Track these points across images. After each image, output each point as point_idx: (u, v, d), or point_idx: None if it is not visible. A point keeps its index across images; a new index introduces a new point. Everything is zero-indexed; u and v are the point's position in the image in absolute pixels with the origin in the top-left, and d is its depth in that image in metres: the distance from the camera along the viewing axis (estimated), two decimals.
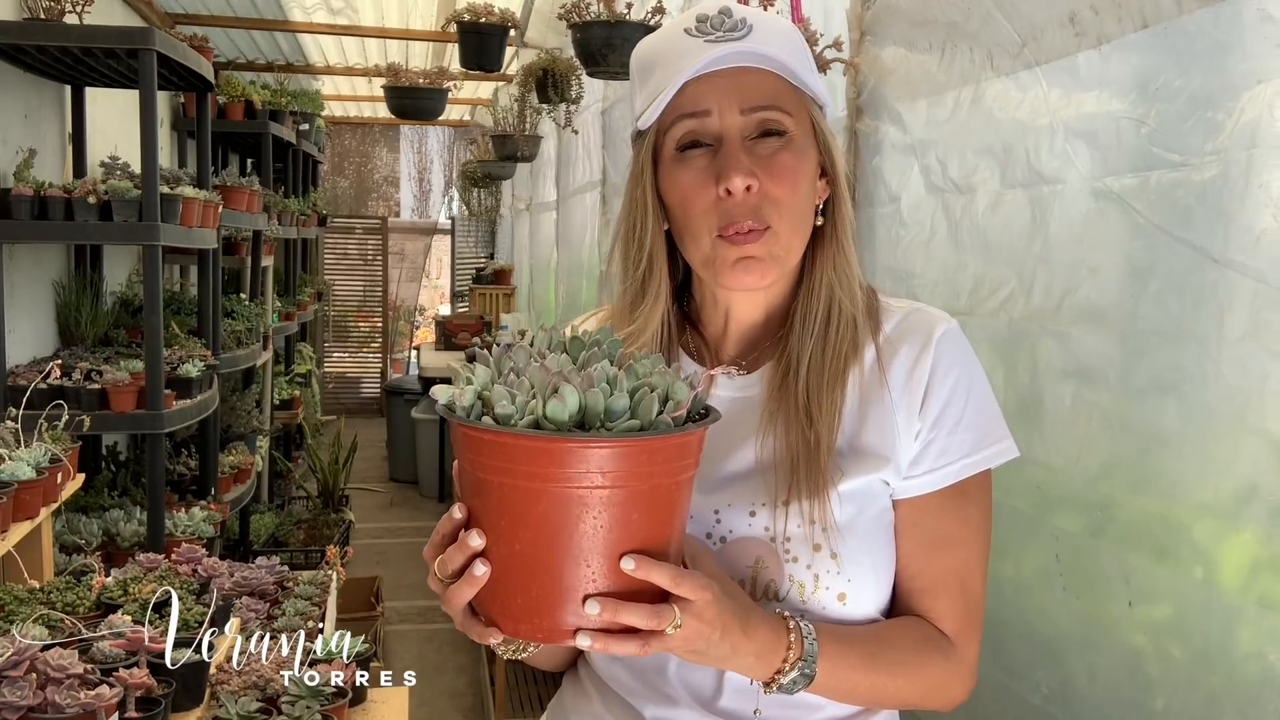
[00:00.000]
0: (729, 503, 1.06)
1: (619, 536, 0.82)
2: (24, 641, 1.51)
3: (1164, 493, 1.54)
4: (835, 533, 1.03)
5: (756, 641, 0.93)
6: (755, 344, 1.14)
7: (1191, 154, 1.42)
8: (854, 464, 1.05)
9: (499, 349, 0.91)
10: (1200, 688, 1.46)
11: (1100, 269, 1.61)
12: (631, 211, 1.12)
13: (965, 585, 1.08)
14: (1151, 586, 1.57)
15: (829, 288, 1.09)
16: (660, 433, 0.81)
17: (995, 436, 1.08)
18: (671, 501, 0.85)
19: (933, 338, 1.07)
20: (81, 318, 3.66)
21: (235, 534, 4.89)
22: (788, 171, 1.04)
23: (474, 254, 11.06)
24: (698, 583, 0.86)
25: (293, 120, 6.17)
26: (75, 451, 2.49)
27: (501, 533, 0.84)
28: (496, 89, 7.61)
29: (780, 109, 1.05)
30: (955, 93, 2.05)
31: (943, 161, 2.09)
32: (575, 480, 0.80)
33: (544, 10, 5.32)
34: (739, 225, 1.03)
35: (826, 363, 1.07)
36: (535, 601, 0.84)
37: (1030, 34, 1.79)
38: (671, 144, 1.06)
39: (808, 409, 1.05)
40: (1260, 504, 1.36)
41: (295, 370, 6.75)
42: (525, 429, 0.80)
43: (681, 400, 0.84)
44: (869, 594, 1.05)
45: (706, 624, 0.87)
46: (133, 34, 3.13)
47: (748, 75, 1.04)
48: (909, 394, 1.06)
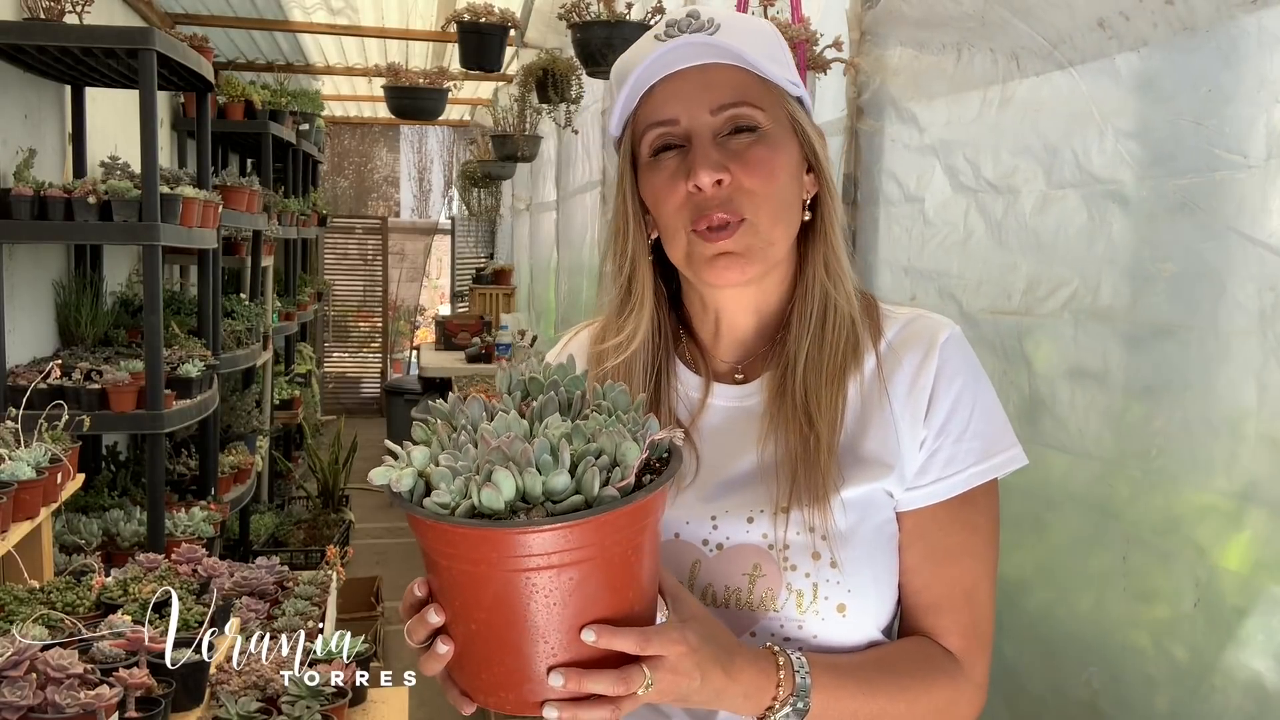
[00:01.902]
0: (726, 509, 1.04)
1: (577, 609, 0.80)
2: (24, 641, 1.51)
3: (1167, 491, 1.53)
4: (836, 540, 1.01)
5: (742, 683, 0.91)
6: (750, 349, 1.12)
7: (1253, 154, 1.41)
8: (856, 471, 1.03)
9: (451, 401, 0.89)
10: (1201, 687, 1.46)
11: (1169, 270, 1.59)
12: (615, 218, 1.11)
13: (973, 599, 1.04)
14: (1153, 586, 1.57)
15: (822, 285, 1.07)
16: (604, 509, 0.77)
17: (1003, 444, 1.05)
18: (631, 564, 0.83)
19: (936, 344, 1.05)
20: (81, 318, 3.66)
21: (235, 534, 4.89)
22: (761, 163, 1.02)
23: (474, 254, 11.06)
24: (668, 638, 0.84)
25: (293, 120, 6.17)
26: (75, 451, 2.49)
27: (457, 611, 0.83)
28: (496, 89, 7.61)
29: (749, 104, 1.03)
30: (980, 93, 2.04)
31: (972, 161, 2.09)
32: (520, 564, 0.78)
33: (544, 10, 5.32)
34: (710, 218, 1.02)
35: (824, 360, 1.05)
36: (500, 677, 0.83)
37: (1058, 38, 1.78)
38: (646, 149, 1.06)
39: (806, 408, 1.04)
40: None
41: (295, 370, 6.75)
42: (461, 519, 0.77)
43: (630, 464, 0.80)
44: (870, 606, 1.03)
45: (683, 675, 0.85)
46: (133, 34, 3.13)
47: (713, 73, 1.03)
48: (912, 402, 1.04)
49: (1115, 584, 1.64)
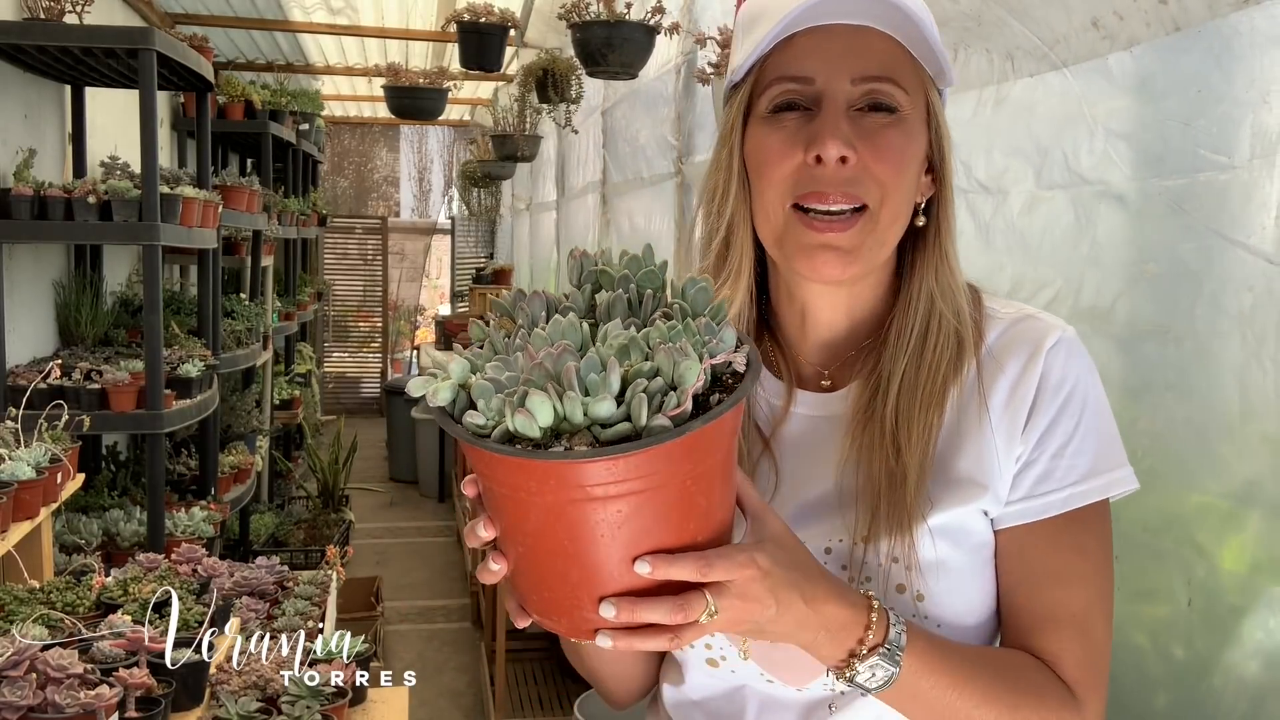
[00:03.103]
0: (805, 538, 0.92)
1: (628, 540, 0.72)
2: (24, 641, 1.51)
3: (1168, 491, 1.54)
4: (922, 572, 0.91)
5: (825, 614, 0.80)
6: (839, 352, 1.01)
7: (1239, 155, 1.41)
8: (946, 494, 0.92)
9: (514, 294, 0.81)
10: (1199, 687, 1.46)
11: (1150, 271, 1.60)
12: (713, 175, 1.00)
13: (1084, 628, 0.92)
14: (1154, 586, 1.57)
15: (929, 298, 0.96)
16: (652, 442, 0.68)
17: (1111, 464, 0.93)
18: (690, 494, 0.74)
19: (1041, 350, 0.94)
20: (81, 318, 3.66)
21: (235, 534, 4.89)
22: (894, 150, 0.91)
23: (474, 254, 11.06)
24: (735, 561, 0.75)
25: (293, 120, 6.17)
26: (75, 451, 2.49)
27: (505, 531, 0.77)
28: (496, 89, 7.61)
29: (895, 83, 0.91)
30: (975, 93, 2.05)
31: (965, 162, 2.09)
32: (559, 495, 0.71)
33: (544, 10, 5.32)
34: (826, 197, 0.90)
35: (921, 382, 0.94)
36: (552, 601, 0.77)
37: (1054, 38, 1.79)
38: (765, 104, 0.94)
39: (895, 437, 0.93)
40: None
41: (295, 370, 6.75)
42: (494, 445, 0.70)
43: (687, 387, 0.70)
44: (959, 638, 0.92)
45: (755, 601, 0.76)
46: (133, 34, 3.13)
47: (866, 37, 0.90)
48: (1011, 414, 0.93)
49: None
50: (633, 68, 3.54)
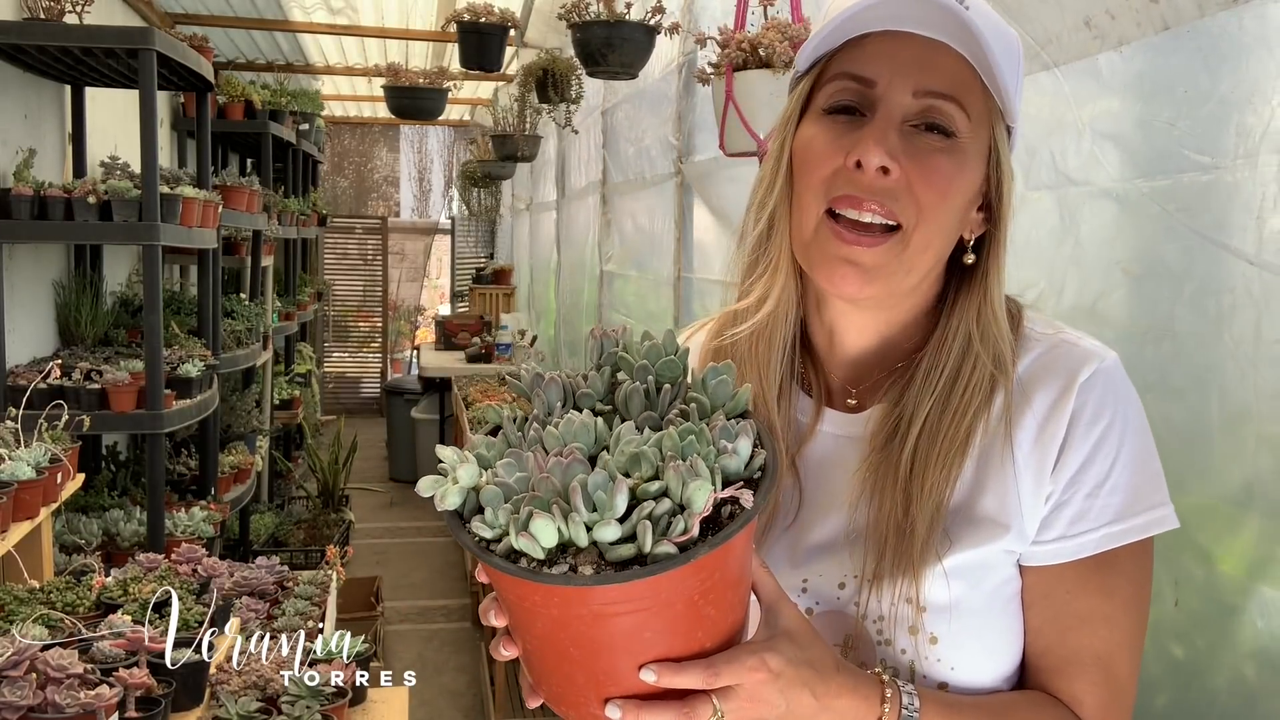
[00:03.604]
0: (819, 573, 0.92)
1: (636, 649, 0.73)
2: (24, 641, 1.51)
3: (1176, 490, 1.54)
4: (936, 614, 0.88)
5: (836, 710, 0.79)
6: (867, 373, 0.98)
7: (1223, 156, 1.41)
8: (966, 533, 0.89)
9: (531, 375, 0.79)
10: (1201, 687, 1.46)
11: (1130, 271, 1.60)
12: (765, 163, 0.96)
13: (1108, 669, 0.89)
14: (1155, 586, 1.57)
15: (966, 339, 0.92)
16: (656, 570, 0.67)
17: (1150, 502, 0.89)
18: (697, 608, 0.73)
19: (1075, 382, 0.89)
20: (81, 318, 3.66)
21: (235, 534, 4.89)
22: (941, 175, 0.87)
23: (474, 254, 11.07)
24: (743, 665, 0.74)
25: (293, 120, 6.17)
26: (75, 451, 2.49)
27: (514, 628, 0.78)
28: (496, 89, 7.61)
29: (960, 104, 0.87)
30: None
31: None
32: (567, 610, 0.71)
33: (544, 10, 5.32)
34: (859, 202, 0.87)
35: (944, 429, 0.90)
36: (560, 693, 0.78)
37: (1046, 37, 1.79)
38: (824, 99, 0.91)
39: (907, 486, 0.89)
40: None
41: (295, 370, 6.75)
42: (498, 562, 0.70)
43: (695, 511, 0.69)
44: (976, 680, 0.90)
45: (763, 702, 0.76)
46: (133, 34, 3.13)
47: (939, 51, 0.86)
48: (1040, 451, 0.89)
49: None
50: (633, 68, 3.54)
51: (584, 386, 0.80)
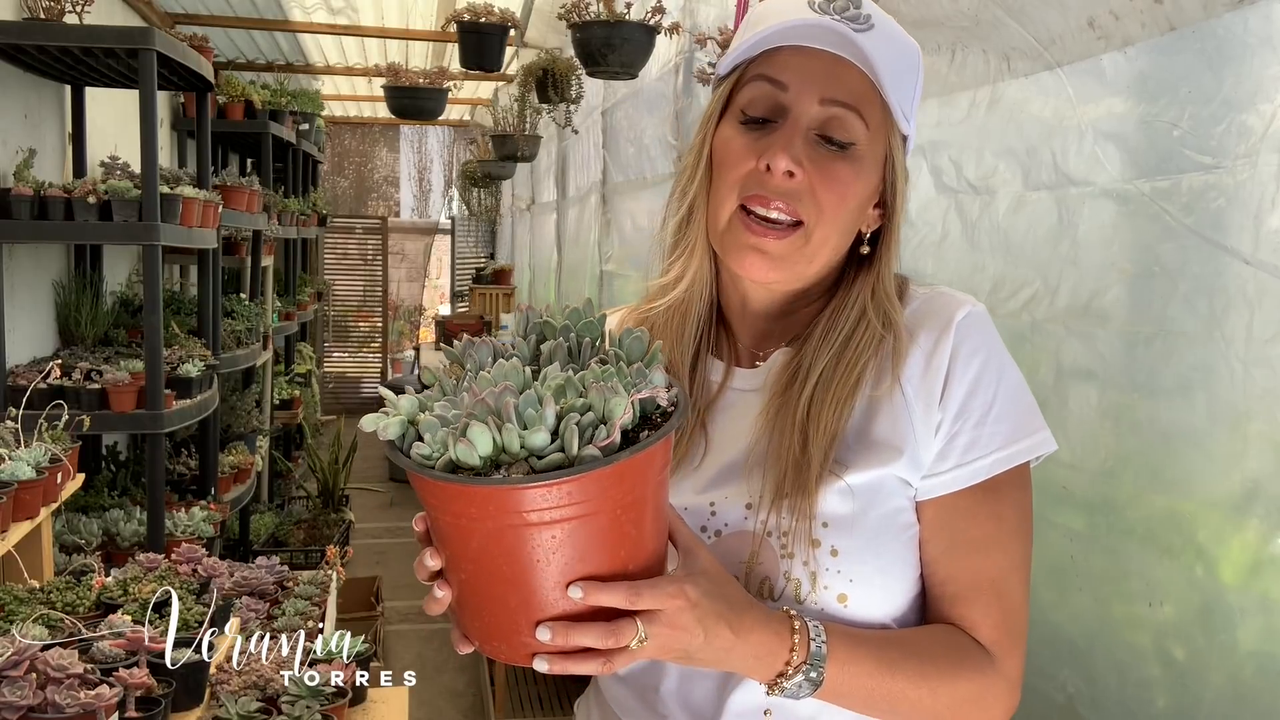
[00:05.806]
0: (725, 495, 1.01)
1: (563, 565, 0.78)
2: (24, 641, 1.51)
3: (1172, 490, 1.54)
4: (836, 528, 0.97)
5: (751, 643, 0.87)
6: (773, 336, 1.09)
7: (1224, 156, 1.41)
8: (862, 456, 0.98)
9: (463, 344, 0.88)
10: (1201, 687, 1.46)
11: (1128, 271, 1.61)
12: (688, 155, 1.06)
13: (1001, 591, 0.98)
14: (1155, 585, 1.57)
15: (862, 308, 1.03)
16: (583, 469, 0.75)
17: (1030, 428, 0.99)
18: (621, 522, 0.80)
19: (953, 321, 1.00)
20: (81, 318, 3.66)
21: (235, 534, 4.89)
22: (840, 182, 0.98)
23: (474, 254, 11.06)
24: (664, 591, 0.82)
25: (293, 120, 6.17)
26: (75, 451, 2.49)
27: (448, 559, 0.83)
28: (496, 89, 7.62)
29: (859, 114, 0.98)
30: (970, 93, 2.05)
31: (957, 162, 2.09)
32: (498, 520, 0.77)
33: (544, 10, 5.32)
34: (768, 202, 0.98)
35: (836, 380, 1.00)
36: (492, 626, 0.82)
37: (1049, 38, 1.79)
38: (742, 100, 1.01)
39: (804, 426, 0.99)
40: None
41: (295, 370, 6.75)
42: (438, 473, 0.76)
43: (614, 421, 0.77)
44: (875, 597, 0.98)
45: (682, 629, 0.83)
46: (133, 34, 3.13)
47: (843, 67, 0.98)
48: (927, 383, 0.99)
49: (1113, 585, 1.64)
50: (633, 68, 3.54)
51: (511, 350, 0.88)
